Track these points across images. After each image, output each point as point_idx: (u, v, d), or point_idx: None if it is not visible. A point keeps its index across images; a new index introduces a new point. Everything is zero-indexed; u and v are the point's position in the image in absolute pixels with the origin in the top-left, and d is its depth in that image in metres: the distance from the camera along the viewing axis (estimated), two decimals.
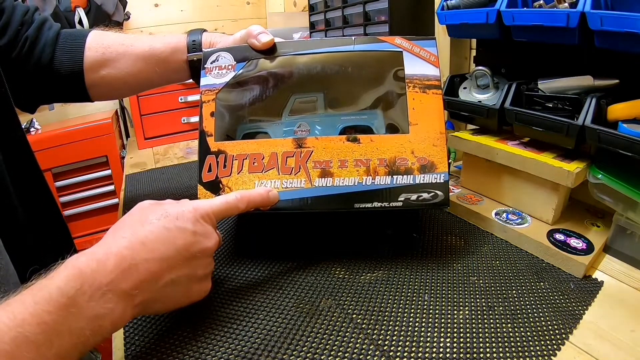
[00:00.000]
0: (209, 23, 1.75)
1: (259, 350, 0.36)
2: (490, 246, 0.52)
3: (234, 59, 0.50)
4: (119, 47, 0.54)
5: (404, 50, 0.48)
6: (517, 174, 0.55)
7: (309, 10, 0.95)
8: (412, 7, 0.72)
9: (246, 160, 0.46)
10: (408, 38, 0.48)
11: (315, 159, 0.46)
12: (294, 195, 0.45)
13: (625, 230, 0.48)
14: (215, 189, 0.46)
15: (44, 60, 0.51)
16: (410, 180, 0.45)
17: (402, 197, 0.45)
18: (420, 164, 0.45)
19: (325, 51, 0.49)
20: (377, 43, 0.49)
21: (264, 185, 0.45)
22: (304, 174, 0.46)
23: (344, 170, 0.45)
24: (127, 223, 0.34)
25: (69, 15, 1.35)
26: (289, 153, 0.46)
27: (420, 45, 0.48)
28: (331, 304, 0.42)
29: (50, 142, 1.26)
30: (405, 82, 0.47)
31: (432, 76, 0.47)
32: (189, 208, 0.37)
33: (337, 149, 0.46)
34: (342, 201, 0.45)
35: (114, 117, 1.45)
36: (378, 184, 0.45)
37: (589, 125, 0.47)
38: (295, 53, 0.50)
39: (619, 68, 0.49)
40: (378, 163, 0.45)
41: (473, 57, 0.71)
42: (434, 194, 0.45)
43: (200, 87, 0.49)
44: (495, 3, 0.54)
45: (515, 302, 0.42)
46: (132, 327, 0.40)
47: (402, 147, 0.46)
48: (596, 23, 0.43)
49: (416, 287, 0.44)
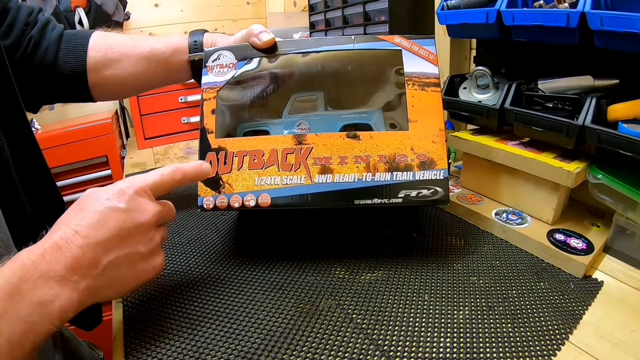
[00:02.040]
0: (209, 23, 1.75)
1: (259, 350, 0.36)
2: (490, 246, 0.52)
3: (235, 58, 0.50)
4: (122, 48, 0.55)
5: (403, 49, 0.49)
6: (517, 174, 0.55)
7: (309, 10, 0.95)
8: (412, 7, 0.72)
9: (246, 157, 0.46)
10: (407, 37, 0.49)
11: (315, 155, 0.46)
12: (294, 191, 0.45)
13: (625, 230, 0.48)
14: (215, 185, 0.46)
15: (47, 60, 0.52)
16: (410, 176, 0.45)
17: (402, 193, 0.45)
18: (420, 161, 0.45)
19: (325, 50, 0.50)
20: (377, 42, 0.49)
21: (264, 183, 0.46)
22: (304, 171, 0.46)
23: (344, 166, 0.45)
24: (66, 215, 0.35)
25: (69, 15, 1.34)
26: (289, 150, 0.46)
27: (419, 44, 0.49)
28: (331, 304, 0.42)
29: (50, 142, 1.25)
30: (404, 80, 0.48)
31: (431, 74, 0.48)
32: (120, 187, 0.36)
33: (337, 145, 0.46)
34: (342, 198, 0.45)
35: (114, 117, 1.45)
36: (378, 180, 0.45)
37: (589, 125, 0.47)
38: (295, 51, 0.50)
39: (619, 68, 0.49)
40: (378, 159, 0.45)
41: (473, 57, 0.71)
42: (434, 191, 0.45)
43: (202, 85, 0.49)
44: (495, 3, 0.54)
45: (515, 302, 0.42)
46: (132, 327, 0.40)
47: (401, 143, 0.46)
48: (596, 23, 0.43)
49: (416, 287, 0.44)
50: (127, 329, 0.39)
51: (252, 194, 0.46)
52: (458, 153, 0.77)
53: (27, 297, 0.28)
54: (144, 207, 0.36)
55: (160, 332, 0.39)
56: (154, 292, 0.45)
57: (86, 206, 0.34)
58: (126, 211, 0.35)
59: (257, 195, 0.46)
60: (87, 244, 0.32)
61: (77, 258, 0.31)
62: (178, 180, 0.40)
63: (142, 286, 0.36)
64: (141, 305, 0.43)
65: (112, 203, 0.34)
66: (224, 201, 0.46)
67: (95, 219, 0.33)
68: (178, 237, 0.57)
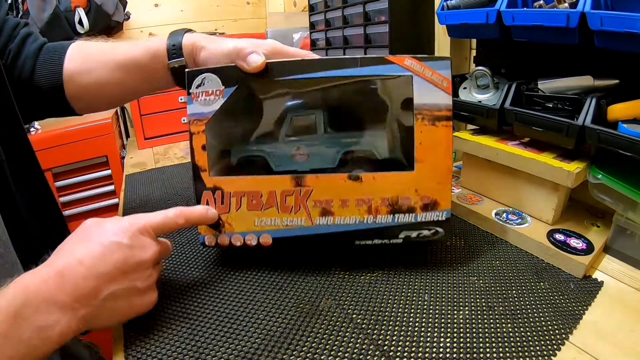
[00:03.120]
0: (209, 23, 1.75)
1: (259, 350, 0.36)
2: (490, 246, 0.52)
3: (222, 83, 0.44)
4: (99, 56, 0.51)
5: (414, 74, 0.43)
6: (517, 174, 0.55)
7: (309, 10, 0.95)
8: (412, 7, 0.72)
9: (244, 197, 0.45)
10: (419, 58, 0.43)
11: (315, 197, 0.44)
12: (295, 232, 0.45)
13: (625, 230, 0.48)
14: (215, 225, 0.46)
15: (24, 74, 0.50)
16: (412, 218, 0.44)
17: (403, 234, 0.45)
18: (423, 203, 0.44)
19: (326, 76, 0.44)
20: (385, 65, 0.43)
21: (264, 224, 0.45)
22: (304, 213, 0.45)
23: (345, 209, 0.44)
24: (69, 243, 0.36)
25: (69, 15, 1.34)
26: (288, 192, 0.44)
27: (432, 68, 0.43)
28: (331, 304, 0.42)
29: (50, 142, 1.25)
30: (413, 112, 0.43)
31: (444, 105, 0.43)
32: (125, 224, 0.37)
33: (338, 187, 0.44)
34: (343, 239, 0.45)
35: (114, 117, 1.45)
36: (379, 222, 0.44)
37: (589, 125, 0.47)
38: (291, 77, 0.44)
39: (619, 68, 0.49)
40: (380, 202, 0.44)
41: (473, 57, 0.71)
42: (435, 231, 0.45)
43: (188, 115, 0.45)
44: (495, 3, 0.54)
45: (515, 302, 0.42)
46: (132, 327, 0.40)
47: (405, 185, 0.44)
48: (596, 23, 0.43)
49: (416, 287, 0.44)
50: (127, 329, 0.39)
51: (254, 234, 0.46)
52: (458, 153, 0.77)
53: (29, 321, 0.29)
54: (146, 246, 0.37)
55: (160, 332, 0.39)
56: None
57: (91, 237, 0.36)
58: (130, 247, 0.36)
59: (258, 235, 0.46)
60: (90, 275, 0.33)
61: (79, 287, 0.32)
62: (181, 224, 0.42)
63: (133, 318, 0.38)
64: None
65: (117, 238, 0.36)
66: (226, 240, 0.47)
67: (99, 251, 0.34)
68: (178, 237, 0.57)
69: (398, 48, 0.71)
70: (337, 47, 0.88)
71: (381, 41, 0.74)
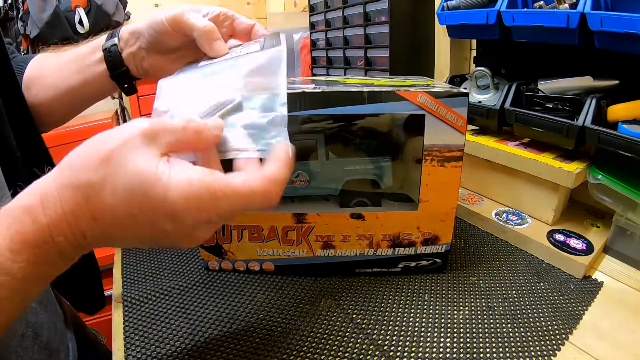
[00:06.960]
0: None
1: (259, 350, 0.36)
2: (490, 246, 0.52)
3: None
4: (51, 63, 0.47)
5: (427, 112, 0.39)
6: (517, 174, 0.55)
7: (309, 10, 0.95)
8: (412, 7, 0.72)
9: (245, 230, 0.45)
10: (434, 94, 0.38)
11: (317, 233, 0.45)
12: (296, 262, 0.46)
13: (625, 230, 0.48)
14: (217, 252, 0.46)
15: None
16: (411, 251, 0.45)
17: (402, 264, 0.46)
18: (424, 238, 0.44)
19: (329, 113, 0.39)
20: (395, 102, 0.38)
21: (266, 254, 0.46)
22: (306, 246, 0.45)
23: (346, 243, 0.45)
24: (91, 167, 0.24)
25: (69, 15, 1.35)
26: (289, 227, 0.44)
27: (447, 106, 0.38)
28: (331, 304, 0.42)
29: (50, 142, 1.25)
30: (422, 153, 0.40)
31: (455, 146, 0.40)
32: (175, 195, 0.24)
33: (340, 225, 0.44)
34: (344, 268, 0.46)
35: (114, 117, 1.45)
36: (380, 254, 0.45)
37: (589, 125, 0.47)
38: (292, 114, 0.33)
39: (619, 68, 0.49)
40: (381, 238, 0.44)
41: (473, 57, 0.71)
42: (433, 262, 0.46)
43: None
44: (495, 4, 0.54)
45: (515, 303, 0.42)
46: (132, 327, 0.40)
47: (408, 223, 0.44)
48: (596, 24, 0.43)
49: (416, 287, 0.44)
50: (127, 329, 0.39)
51: (256, 262, 0.47)
52: None
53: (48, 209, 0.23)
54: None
55: (160, 332, 0.39)
56: (154, 292, 0.45)
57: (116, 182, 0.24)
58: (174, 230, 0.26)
59: (260, 263, 0.47)
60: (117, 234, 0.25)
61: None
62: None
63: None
64: (141, 305, 0.43)
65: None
66: (229, 265, 0.47)
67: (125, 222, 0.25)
68: None
69: (398, 48, 0.71)
70: (337, 47, 0.88)
71: (381, 41, 0.74)
